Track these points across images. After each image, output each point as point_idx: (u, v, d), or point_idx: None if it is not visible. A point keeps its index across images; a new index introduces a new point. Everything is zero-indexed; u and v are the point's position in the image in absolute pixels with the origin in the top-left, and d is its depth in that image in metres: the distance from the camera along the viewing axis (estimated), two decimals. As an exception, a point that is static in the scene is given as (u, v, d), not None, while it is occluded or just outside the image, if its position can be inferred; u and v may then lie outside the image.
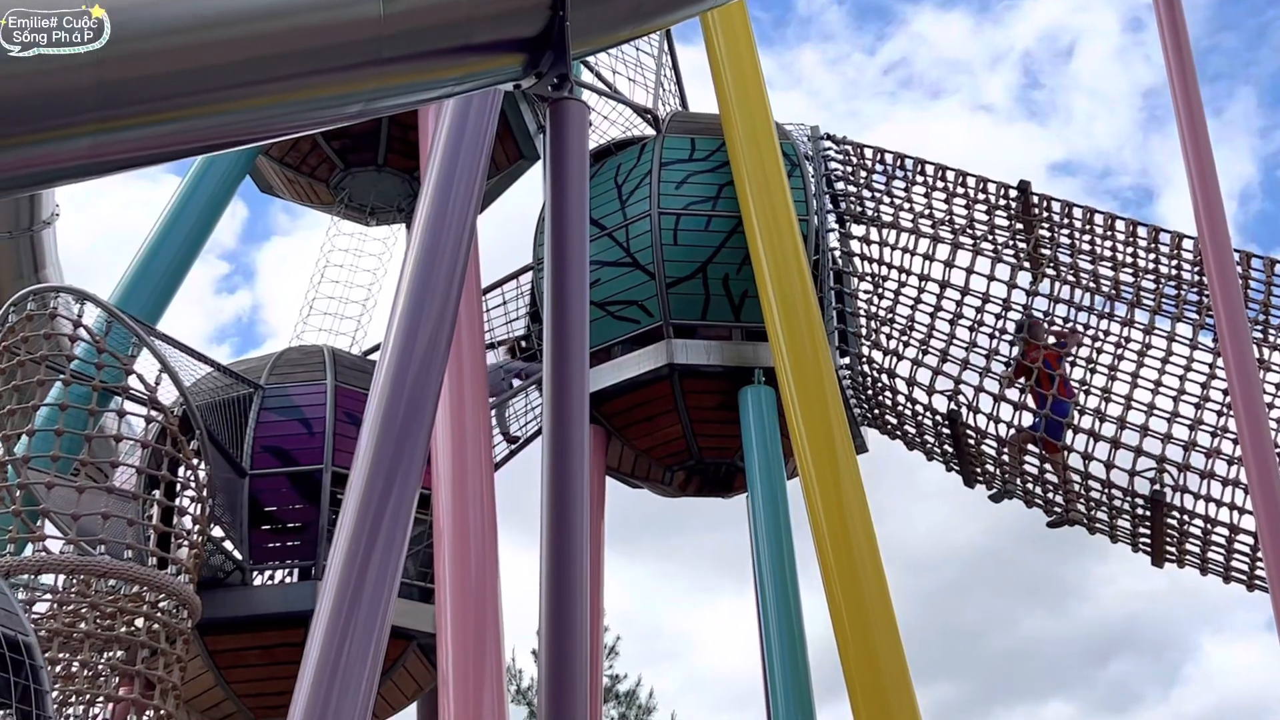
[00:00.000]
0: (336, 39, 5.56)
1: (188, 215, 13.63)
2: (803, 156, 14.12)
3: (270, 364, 13.11)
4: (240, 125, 5.41)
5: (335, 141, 15.21)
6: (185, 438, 10.80)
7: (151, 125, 4.94)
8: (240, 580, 11.95)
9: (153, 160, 5.37)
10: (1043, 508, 13.52)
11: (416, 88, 6.40)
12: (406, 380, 7.77)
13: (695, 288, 13.17)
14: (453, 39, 6.31)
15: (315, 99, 5.64)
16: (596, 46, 7.73)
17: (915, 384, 13.08)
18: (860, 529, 10.54)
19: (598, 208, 13.89)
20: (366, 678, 6.65)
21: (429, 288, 8.21)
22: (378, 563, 7.08)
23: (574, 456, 6.06)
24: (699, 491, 14.77)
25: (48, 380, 10.29)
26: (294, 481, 12.06)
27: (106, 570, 9.49)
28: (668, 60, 15.37)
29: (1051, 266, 13.90)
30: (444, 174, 8.89)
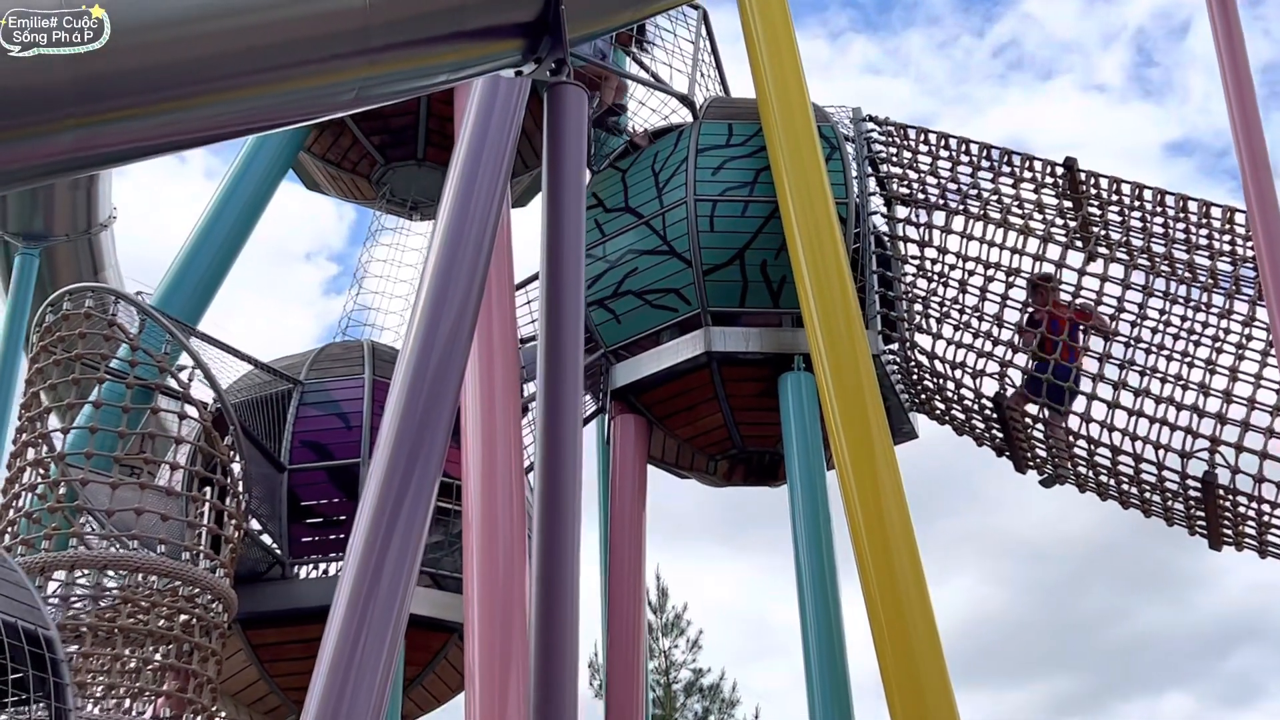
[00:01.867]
0: (324, 29, 5.64)
1: (228, 214, 13.87)
2: (842, 139, 14.01)
3: (310, 359, 13.30)
4: (234, 117, 5.52)
5: (375, 137, 15.39)
6: (220, 434, 11.01)
7: (137, 119, 5.07)
8: (280, 574, 12.15)
9: (140, 155, 5.50)
10: (1096, 493, 13.33)
11: (409, 75, 6.48)
12: (428, 372, 7.86)
13: (733, 274, 13.14)
14: (444, 26, 6.37)
15: (307, 89, 5.74)
16: (597, 30, 7.77)
17: (960, 367, 12.93)
18: (898, 523, 10.38)
19: (635, 196, 13.93)
20: (382, 668, 6.76)
21: (451, 279, 8.28)
22: (395, 555, 7.18)
23: (566, 437, 6.13)
24: (745, 481, 14.75)
25: (83, 379, 10.55)
26: (332, 476, 12.24)
27: (140, 565, 9.71)
28: (706, 45, 15.32)
29: (1104, 245, 13.68)
30: (469, 163, 8.95)
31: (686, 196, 13.35)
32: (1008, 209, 13.75)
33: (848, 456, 10.68)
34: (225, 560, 10.65)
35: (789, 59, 13.55)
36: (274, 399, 12.61)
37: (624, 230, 13.82)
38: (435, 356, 7.81)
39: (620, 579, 13.06)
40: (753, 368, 13.17)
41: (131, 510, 9.94)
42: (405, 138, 15.28)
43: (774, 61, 13.45)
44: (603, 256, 13.91)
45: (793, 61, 13.59)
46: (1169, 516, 12.81)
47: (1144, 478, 12.36)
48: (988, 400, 12.91)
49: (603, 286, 13.84)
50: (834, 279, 11.85)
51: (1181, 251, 13.35)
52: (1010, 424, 12.87)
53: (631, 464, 13.52)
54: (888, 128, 14.77)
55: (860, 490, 10.48)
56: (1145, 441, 12.01)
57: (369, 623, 6.87)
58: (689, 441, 14.06)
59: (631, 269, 13.63)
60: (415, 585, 7.43)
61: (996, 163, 13.96)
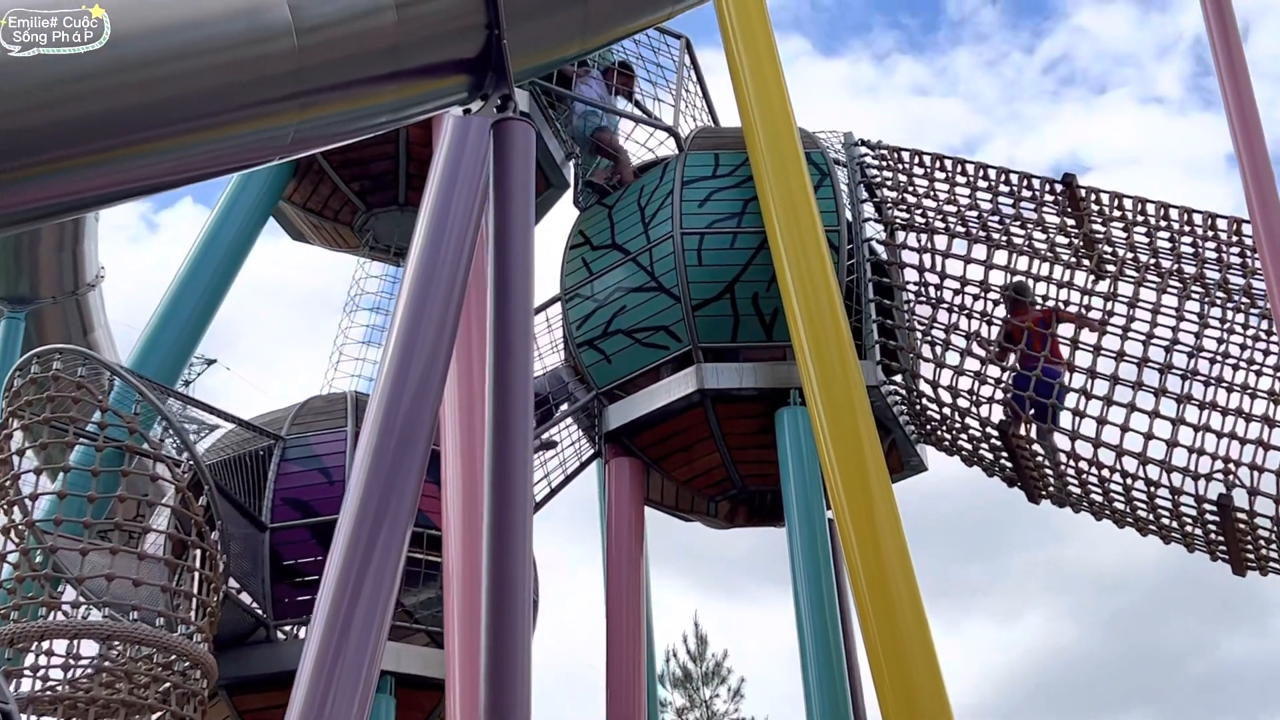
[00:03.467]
0: (252, 74, 5.67)
1: (204, 269, 13.96)
2: (833, 164, 14.01)
3: (293, 414, 13.32)
4: (159, 169, 5.54)
5: (355, 184, 15.49)
6: (196, 495, 11.01)
7: (47, 177, 5.10)
8: (265, 637, 12.12)
9: (48, 214, 5.54)
10: (1112, 519, 13.20)
11: (348, 117, 6.50)
12: (398, 420, 7.86)
13: (723, 308, 13.12)
14: (380, 65, 6.40)
15: (239, 135, 5.76)
16: (545, 63, 7.79)
17: (963, 394, 12.85)
18: (898, 566, 10.23)
19: (622, 232, 13.95)
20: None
21: (422, 323, 8.31)
22: (364, 610, 7.15)
23: (515, 480, 6.09)
24: (748, 522, 14.67)
25: (51, 443, 10.59)
26: (314, 533, 12.23)
27: (112, 633, 9.68)
28: (691, 75, 15.39)
29: (1111, 262, 13.61)
30: (439, 204, 8.99)
31: (673, 230, 13.36)
32: (1007, 229, 13.71)
33: (843, 495, 10.57)
34: (204, 625, 10.62)
35: (774, 84, 13.56)
36: (254, 456, 12.62)
37: (611, 268, 13.83)
38: (406, 402, 7.80)
39: (619, 628, 12.96)
40: (748, 404, 13.12)
41: (103, 577, 9.92)
42: (385, 182, 15.38)
43: (758, 88, 13.46)
44: (591, 295, 13.93)
45: (778, 87, 13.61)
46: (1189, 542, 12.66)
47: (1159, 502, 12.23)
48: (993, 429, 12.82)
49: (591, 326, 13.85)
50: (825, 309, 11.80)
51: (1190, 265, 13.28)
52: (1018, 453, 12.77)
53: (628, 508, 13.47)
54: (881, 151, 14.78)
55: (857, 530, 10.36)
56: (1157, 464, 11.89)
57: (336, 684, 6.84)
58: (687, 483, 14.00)
59: (620, 307, 13.63)
60: (385, 642, 7.39)
61: (994, 182, 13.93)
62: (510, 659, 5.70)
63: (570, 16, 7.21)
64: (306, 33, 5.84)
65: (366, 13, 6.22)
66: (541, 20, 7.09)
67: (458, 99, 7.04)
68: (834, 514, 10.74)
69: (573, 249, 14.42)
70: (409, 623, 13.12)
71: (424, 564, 12.38)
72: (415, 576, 12.50)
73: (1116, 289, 13.36)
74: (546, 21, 7.13)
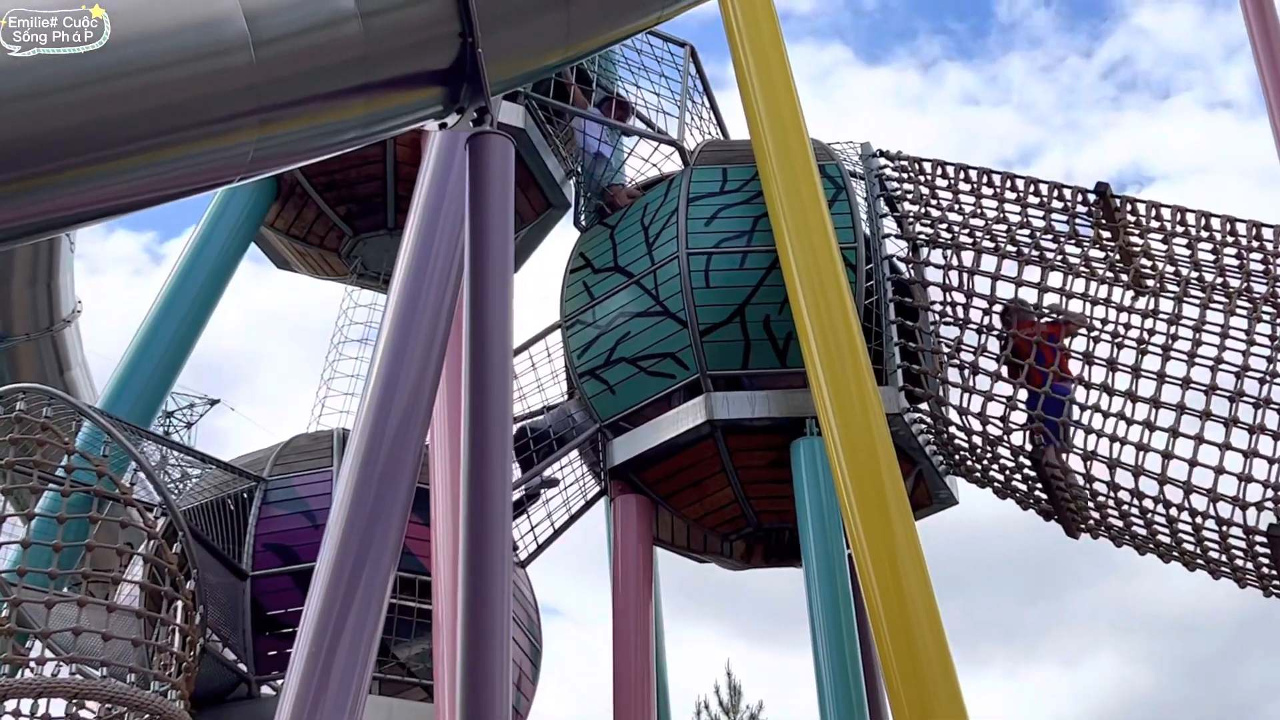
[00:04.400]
0: (204, 90, 5.64)
1: (181, 302, 13.97)
2: (849, 177, 13.96)
3: (275, 454, 13.30)
4: (106, 193, 5.52)
5: (340, 208, 15.51)
6: (170, 542, 10.96)
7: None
8: (246, 693, 12.05)
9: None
10: (1159, 555, 13.05)
11: (313, 133, 6.47)
12: (380, 454, 7.83)
13: (733, 333, 13.06)
14: (346, 78, 6.37)
15: (191, 155, 5.73)
16: (526, 73, 7.77)
17: (991, 421, 12.73)
18: (921, 608, 10.09)
19: (624, 254, 13.91)
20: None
21: (405, 355, 8.28)
22: (343, 661, 7.10)
23: (493, 516, 6.04)
24: (766, 562, 14.56)
25: (13, 489, 10.56)
26: (298, 580, 12.16)
27: (78, 691, 9.61)
28: (696, 85, 15.38)
29: (1151, 277, 13.49)
30: (425, 225, 8.98)
31: (678, 250, 13.32)
32: (1038, 243, 13.61)
33: (862, 533, 10.45)
34: (179, 681, 10.55)
35: (784, 92, 13.51)
36: (235, 500, 12.59)
37: (614, 292, 13.80)
38: (389, 436, 7.76)
39: (627, 678, 12.84)
40: (761, 435, 13.03)
41: (69, 630, 9.87)
42: (373, 206, 15.40)
43: (768, 96, 13.39)
44: (593, 322, 13.89)
45: (788, 95, 13.55)
46: (1239, 577, 12.50)
47: (1205, 534, 12.08)
48: (1026, 458, 12.70)
49: (594, 355, 13.80)
50: (842, 332, 11.69)
51: (1234, 278, 13.15)
52: (1053, 483, 12.65)
53: (634, 549, 13.38)
54: (901, 162, 14.70)
55: (878, 571, 10.23)
56: (1203, 493, 11.75)
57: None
58: (698, 521, 13.91)
59: (624, 334, 13.58)
60: (366, 696, 7.32)
61: (1023, 194, 13.84)
62: (487, 710, 5.64)
63: (552, 22, 7.19)
64: (264, 45, 5.83)
65: (329, 23, 6.20)
66: (521, 27, 7.07)
67: (431, 112, 7.03)
68: (852, 552, 10.63)
69: (573, 272, 14.39)
70: (403, 676, 13.02)
71: (417, 613, 12.30)
72: (408, 626, 12.42)
73: (1157, 305, 13.25)
74: (526, 28, 7.11)
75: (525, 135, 14.80)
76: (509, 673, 5.77)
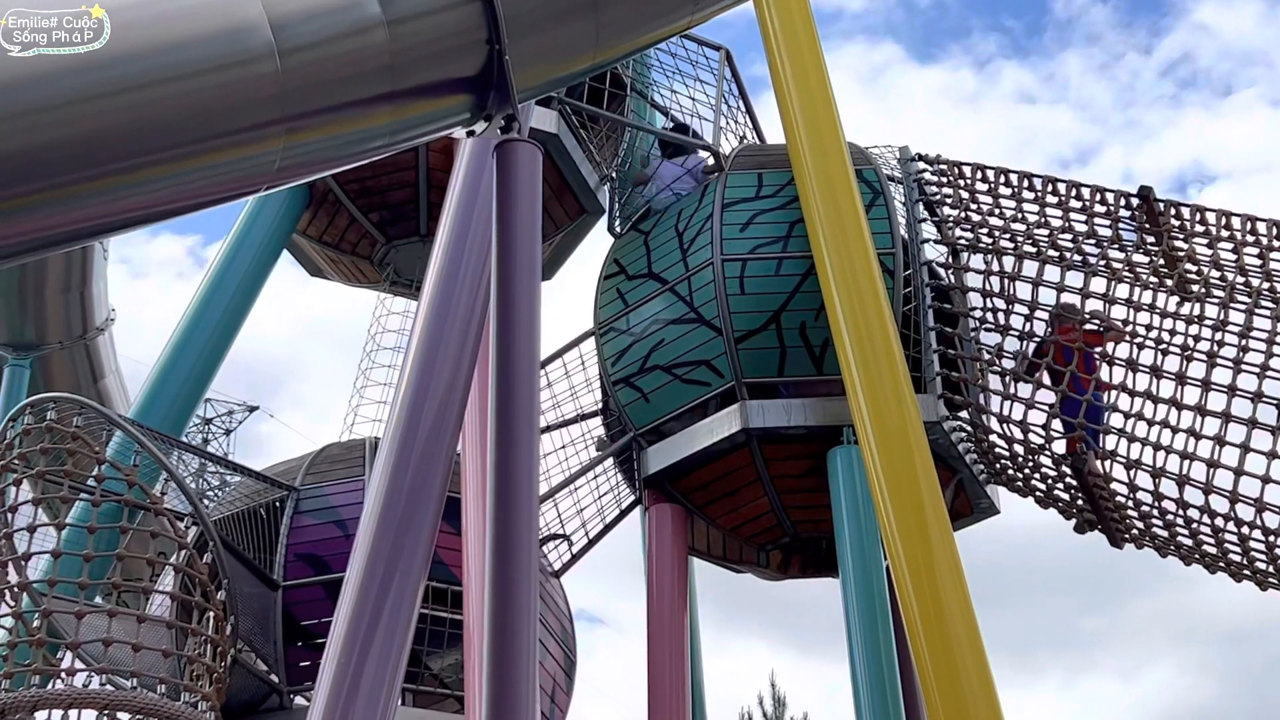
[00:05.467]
0: (230, 99, 5.68)
1: (213, 310, 14.07)
2: (886, 182, 13.91)
3: (308, 463, 13.37)
4: (131, 203, 5.56)
5: (373, 214, 15.59)
6: (200, 553, 11.04)
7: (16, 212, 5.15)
8: (278, 704, 12.12)
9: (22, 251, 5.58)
10: (1204, 565, 12.94)
11: (339, 141, 6.50)
12: (410, 462, 7.87)
13: (769, 340, 13.04)
14: (372, 86, 6.40)
15: (215, 165, 5.77)
16: (555, 79, 7.77)
17: (1033, 429, 12.65)
18: (959, 619, 10.05)
19: (659, 260, 13.92)
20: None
21: (437, 362, 8.32)
22: (373, 671, 7.14)
23: (519, 527, 6.06)
24: (803, 573, 14.52)
25: (44, 498, 10.66)
26: (329, 591, 12.20)
27: (109, 702, 9.69)
28: (732, 89, 15.38)
29: (1196, 282, 13.38)
30: (455, 233, 9.03)
31: (713, 257, 13.31)
32: (1080, 247, 13.52)
33: (899, 543, 10.42)
34: (210, 693, 10.62)
35: (820, 96, 13.49)
36: (267, 509, 12.66)
37: (648, 298, 13.80)
38: (420, 443, 7.80)
39: (661, 689, 12.82)
40: (798, 444, 13.00)
41: (100, 641, 9.95)
42: (405, 213, 15.48)
43: (804, 100, 13.38)
44: (627, 329, 13.90)
45: (825, 99, 13.53)
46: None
47: (1252, 545, 11.97)
48: (1067, 467, 12.62)
49: (628, 362, 13.80)
50: (879, 339, 11.66)
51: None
52: (1095, 492, 12.56)
53: (670, 559, 13.36)
54: (940, 166, 14.64)
55: (915, 582, 10.18)
56: (1250, 503, 11.64)
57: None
58: (734, 531, 13.88)
59: (658, 341, 13.58)
60: (397, 705, 7.36)
61: (1065, 197, 13.76)
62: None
63: (581, 29, 7.18)
64: (290, 54, 5.85)
65: (355, 31, 6.23)
66: (549, 34, 7.07)
67: (459, 120, 7.03)
68: (890, 563, 10.59)
69: (607, 279, 14.41)
70: (435, 688, 13.07)
71: (449, 624, 12.34)
72: (440, 637, 12.46)
73: (1202, 311, 13.13)
74: (554, 34, 7.11)
75: (558, 140, 14.84)
76: (535, 683, 5.78)
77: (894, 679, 11.24)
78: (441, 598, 12.34)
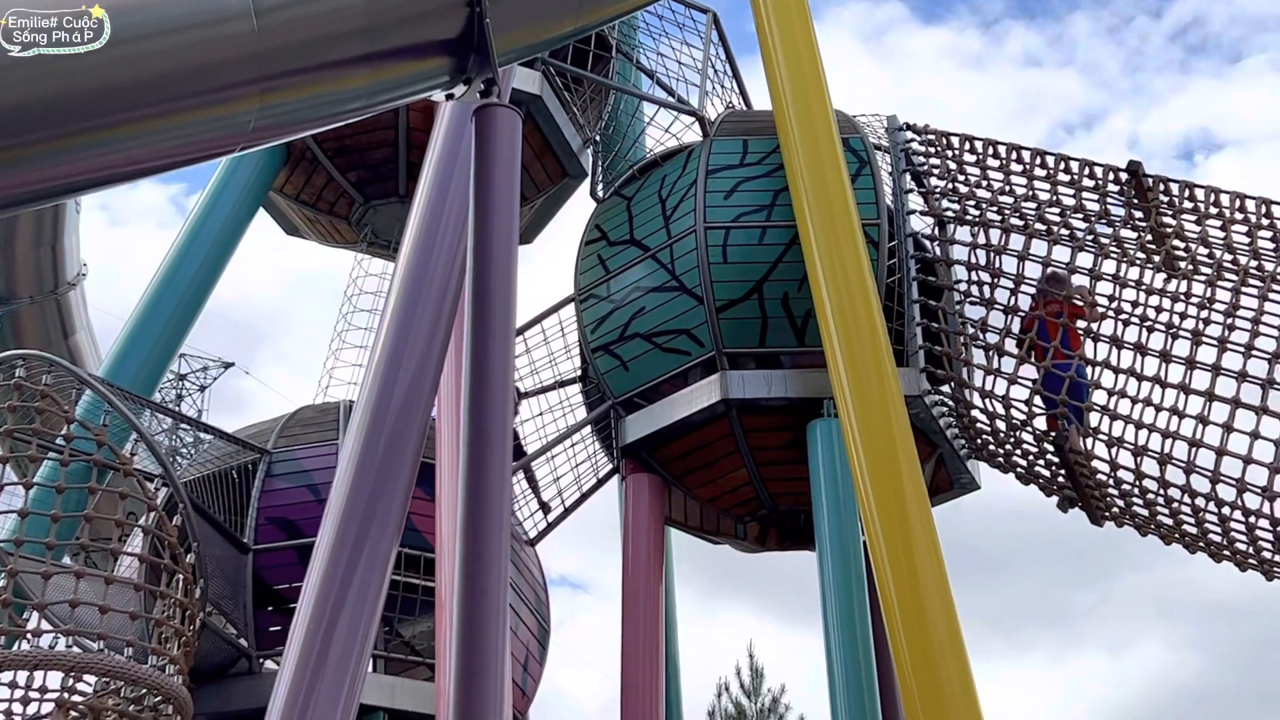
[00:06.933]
0: (204, 58, 5.67)
1: (184, 273, 14.04)
2: (873, 151, 13.90)
3: (281, 425, 13.37)
4: (104, 161, 5.55)
5: (351, 174, 15.54)
6: (170, 515, 11.06)
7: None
8: (247, 668, 12.16)
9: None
10: (1185, 545, 13.04)
11: (315, 102, 6.48)
12: (385, 426, 7.89)
13: (751, 310, 13.05)
14: (350, 48, 6.38)
15: (192, 122, 5.76)
16: (536, 42, 7.76)
17: (1015, 405, 12.70)
18: (935, 594, 10.12)
19: (641, 227, 13.91)
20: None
21: (413, 326, 8.33)
22: (343, 636, 7.18)
23: (492, 501, 6.09)
24: (780, 545, 14.60)
25: (12, 457, 10.65)
26: (301, 555, 12.23)
27: (75, 664, 9.72)
28: (719, 53, 15.33)
29: (1184, 258, 13.43)
30: (434, 195, 9.02)
31: (696, 225, 13.30)
32: (1067, 221, 13.56)
33: (877, 517, 10.47)
34: (178, 656, 10.65)
35: (808, 62, 13.46)
36: (239, 472, 12.67)
37: (630, 265, 13.80)
38: (395, 408, 7.82)
39: (635, 659, 12.89)
40: (777, 415, 13.04)
41: (67, 602, 9.97)
42: (384, 173, 15.43)
43: (791, 65, 13.35)
44: (607, 296, 13.90)
45: (813, 65, 13.50)
46: (1267, 570, 12.47)
47: (1232, 526, 12.06)
48: (1049, 444, 12.68)
49: (608, 330, 13.81)
50: (861, 311, 11.69)
51: (1270, 262, 13.08)
52: (1076, 469, 12.64)
53: (646, 529, 13.40)
54: (929, 136, 14.63)
55: (891, 556, 10.25)
56: (1230, 483, 11.72)
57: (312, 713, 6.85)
58: (712, 502, 13.93)
59: (639, 309, 13.59)
60: (366, 672, 7.40)
61: (1053, 170, 13.78)
62: (482, 687, 5.70)
63: (561, -14, 7.18)
64: (266, 13, 5.84)
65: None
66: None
67: (438, 83, 7.02)
68: (867, 538, 10.65)
69: (588, 245, 14.40)
70: (407, 655, 13.13)
71: (422, 591, 12.39)
72: (413, 604, 12.51)
73: (1190, 288, 13.18)
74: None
75: (541, 103, 14.80)
76: (506, 649, 5.83)
77: (868, 654, 11.33)
78: (414, 564, 12.38)
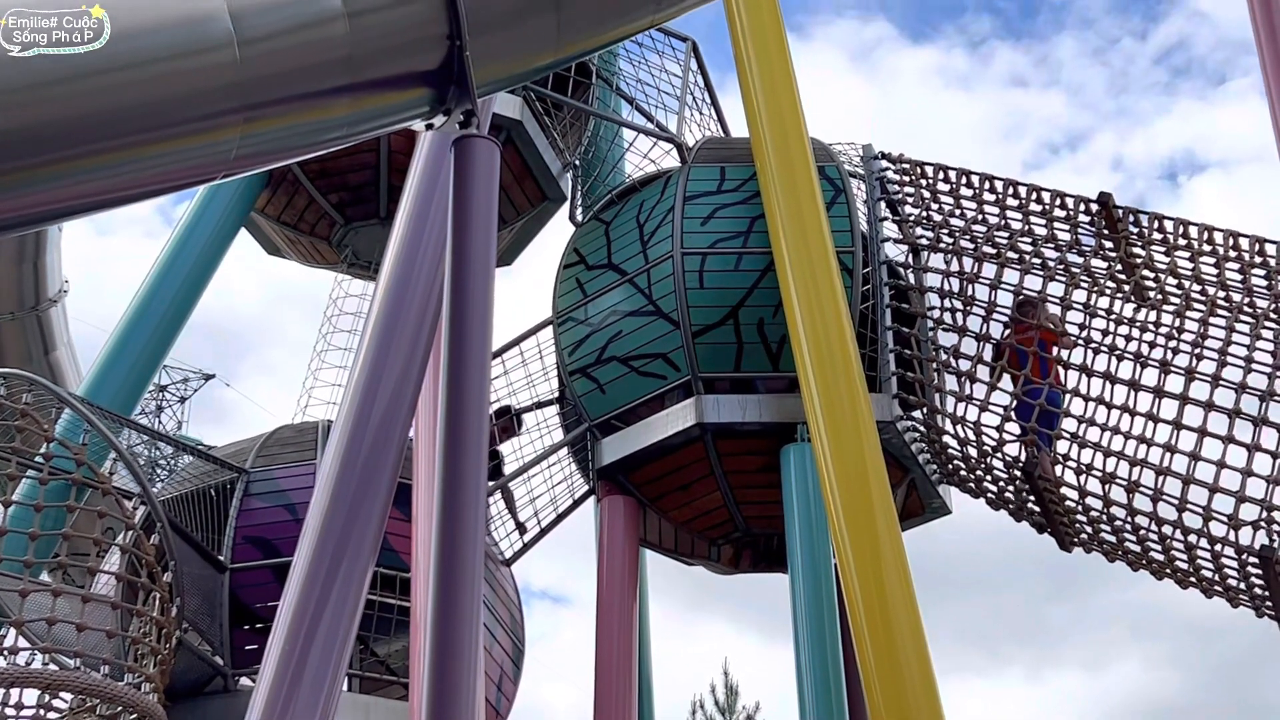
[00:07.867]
0: (188, 87, 5.80)
1: (165, 292, 14.13)
2: (848, 179, 14.10)
3: (259, 445, 13.46)
4: (86, 189, 5.67)
5: (332, 195, 15.68)
6: (148, 533, 11.14)
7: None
8: (223, 686, 12.23)
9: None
10: (1151, 572, 13.21)
11: (296, 131, 6.61)
12: (362, 448, 7.99)
13: (726, 335, 13.22)
14: (332, 78, 6.52)
15: (176, 150, 5.88)
16: (515, 74, 7.91)
17: (986, 431, 12.89)
18: (904, 619, 10.27)
19: (619, 251, 14.07)
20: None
21: (391, 349, 8.44)
22: (319, 655, 7.28)
23: (466, 520, 6.22)
24: (754, 567, 14.74)
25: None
26: (278, 575, 12.32)
27: (49, 682, 9.80)
28: (698, 81, 15.53)
29: (1153, 288, 13.65)
30: (413, 221, 9.14)
31: (673, 250, 13.47)
32: (1039, 251, 13.77)
33: (847, 541, 10.62)
34: (154, 674, 10.73)
35: (785, 92, 13.66)
36: (217, 491, 12.76)
37: (607, 289, 13.96)
38: (372, 430, 7.93)
39: (609, 680, 13.01)
40: (752, 439, 13.20)
41: (44, 620, 10.04)
42: (365, 195, 15.57)
43: (769, 95, 13.56)
44: (585, 319, 14.05)
45: (789, 95, 13.70)
46: (1232, 597, 12.66)
47: (1198, 553, 12.24)
48: (1017, 470, 12.86)
49: (585, 353, 13.97)
50: (834, 337, 11.86)
51: (1236, 293, 13.30)
52: (1045, 495, 12.81)
53: (621, 551, 13.54)
54: (903, 164, 14.84)
55: (862, 581, 10.40)
56: (1197, 511, 11.90)
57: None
58: (686, 525, 14.07)
59: (615, 332, 13.75)
60: (340, 690, 7.50)
61: (1025, 200, 14.00)
62: (455, 705, 5.82)
63: (541, 25, 7.30)
64: (249, 44, 5.97)
65: (315, 22, 6.34)
66: (510, 29, 7.19)
67: (417, 114, 7.16)
68: (838, 560, 10.80)
69: (567, 268, 14.56)
70: (381, 674, 13.21)
71: (397, 610, 12.48)
72: (388, 624, 12.60)
73: (1159, 318, 13.38)
74: (516, 31, 7.23)
75: (521, 127, 14.97)
76: (479, 668, 5.95)
77: (839, 675, 11.47)
78: (390, 584, 12.48)
